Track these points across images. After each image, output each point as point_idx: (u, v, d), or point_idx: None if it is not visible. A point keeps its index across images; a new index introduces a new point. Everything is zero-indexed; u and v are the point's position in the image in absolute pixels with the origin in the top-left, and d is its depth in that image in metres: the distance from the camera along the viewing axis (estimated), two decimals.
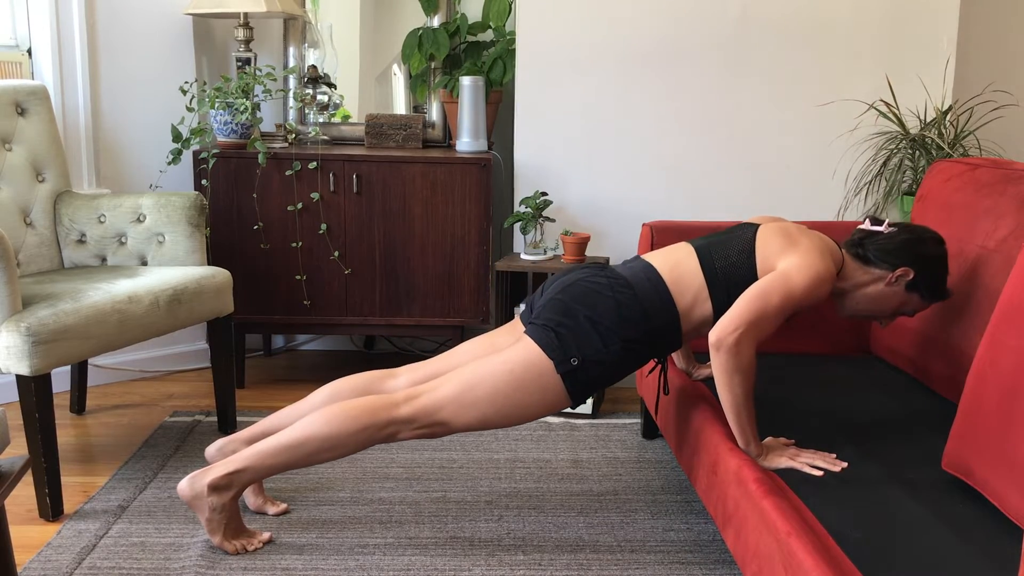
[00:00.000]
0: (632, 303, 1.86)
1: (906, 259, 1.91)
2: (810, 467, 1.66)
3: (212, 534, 1.95)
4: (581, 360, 1.84)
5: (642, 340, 1.87)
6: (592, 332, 1.84)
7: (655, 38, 2.97)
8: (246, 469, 1.91)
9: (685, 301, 1.89)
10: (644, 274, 1.91)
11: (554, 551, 1.99)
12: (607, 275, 1.91)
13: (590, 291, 1.88)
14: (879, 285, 1.93)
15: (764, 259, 1.88)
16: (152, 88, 3.15)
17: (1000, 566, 1.30)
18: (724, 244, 1.94)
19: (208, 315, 2.53)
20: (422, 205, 2.99)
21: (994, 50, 3.33)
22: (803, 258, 1.83)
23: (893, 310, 1.96)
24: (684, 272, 1.91)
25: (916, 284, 1.91)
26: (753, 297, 1.77)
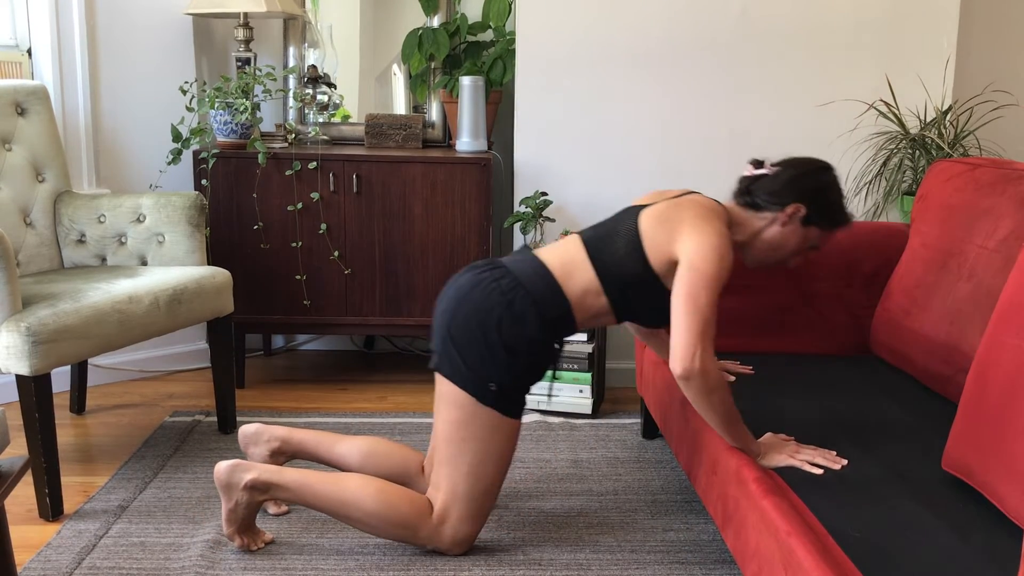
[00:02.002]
0: (523, 300, 1.85)
1: (794, 195, 1.90)
2: (810, 465, 1.66)
3: (227, 524, 1.95)
4: (499, 384, 1.85)
5: (542, 337, 1.87)
6: (495, 348, 1.84)
7: (655, 38, 2.97)
8: (288, 489, 1.92)
9: (576, 294, 1.88)
10: (532, 268, 1.89)
11: (554, 551, 1.99)
12: (495, 277, 1.88)
13: (481, 302, 1.86)
14: (775, 227, 1.92)
15: (654, 251, 1.85)
16: (152, 88, 3.15)
17: (1000, 566, 1.30)
18: (611, 237, 1.91)
19: (208, 315, 2.53)
20: (422, 205, 2.99)
21: (994, 50, 3.33)
22: (696, 241, 1.80)
23: (797, 249, 1.95)
24: (574, 267, 1.90)
25: (810, 217, 1.90)
26: (685, 312, 1.74)
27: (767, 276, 2.40)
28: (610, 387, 3.11)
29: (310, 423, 2.73)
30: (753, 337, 2.41)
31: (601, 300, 1.90)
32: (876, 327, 2.35)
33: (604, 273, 1.88)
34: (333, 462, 2.13)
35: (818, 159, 1.98)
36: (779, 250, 1.95)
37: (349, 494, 1.90)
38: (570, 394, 2.84)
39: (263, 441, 2.14)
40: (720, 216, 1.88)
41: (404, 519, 1.90)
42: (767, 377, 2.18)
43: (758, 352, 2.37)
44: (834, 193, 1.94)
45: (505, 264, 1.92)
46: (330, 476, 1.94)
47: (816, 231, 1.93)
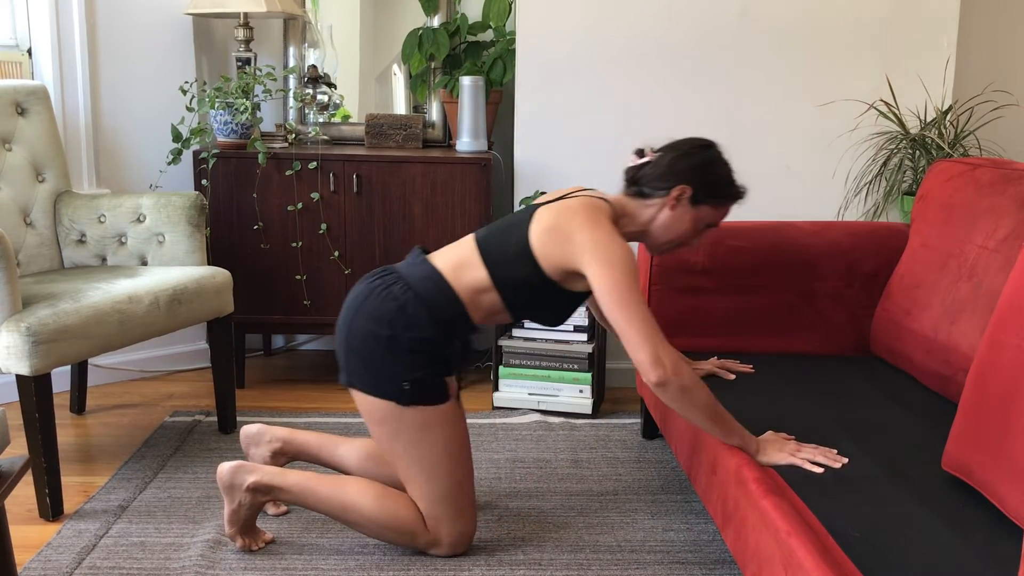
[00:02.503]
0: (415, 302, 1.85)
1: (678, 177, 1.91)
2: (811, 463, 1.66)
3: (229, 525, 1.96)
4: (411, 381, 1.85)
5: (439, 337, 1.86)
6: (396, 351, 1.84)
7: (655, 38, 2.97)
8: (290, 492, 1.93)
9: (468, 292, 1.89)
10: (422, 271, 1.90)
11: (554, 551, 1.99)
12: (386, 284, 1.90)
13: (374, 310, 1.86)
14: (665, 212, 1.93)
15: (546, 260, 1.86)
16: (152, 88, 3.15)
17: (1000, 566, 1.30)
18: (503, 240, 1.91)
19: (208, 315, 2.53)
20: (422, 205, 2.99)
21: (994, 50, 3.33)
22: (594, 252, 1.80)
23: (692, 230, 1.94)
24: (466, 267, 1.90)
25: (697, 196, 1.91)
26: (626, 323, 1.75)
27: (767, 276, 2.41)
28: (610, 387, 3.11)
29: (310, 423, 2.73)
30: (753, 337, 2.41)
31: (493, 296, 1.90)
32: (876, 327, 2.35)
33: (496, 272, 1.89)
34: (334, 464, 2.13)
35: (699, 138, 1.98)
36: (676, 233, 1.95)
37: (349, 498, 1.90)
38: (570, 394, 2.84)
39: (265, 442, 2.14)
40: (606, 213, 1.89)
41: (403, 525, 1.90)
42: (767, 377, 2.18)
43: (758, 352, 2.37)
44: (718, 167, 1.94)
45: (397, 269, 1.94)
46: (331, 479, 1.94)
47: (707, 209, 1.93)
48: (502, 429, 2.71)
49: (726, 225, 2.44)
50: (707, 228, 1.97)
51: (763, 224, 2.48)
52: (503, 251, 1.90)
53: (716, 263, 2.39)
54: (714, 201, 1.93)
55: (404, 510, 1.90)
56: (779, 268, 2.41)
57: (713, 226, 1.98)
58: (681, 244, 1.99)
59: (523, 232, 1.89)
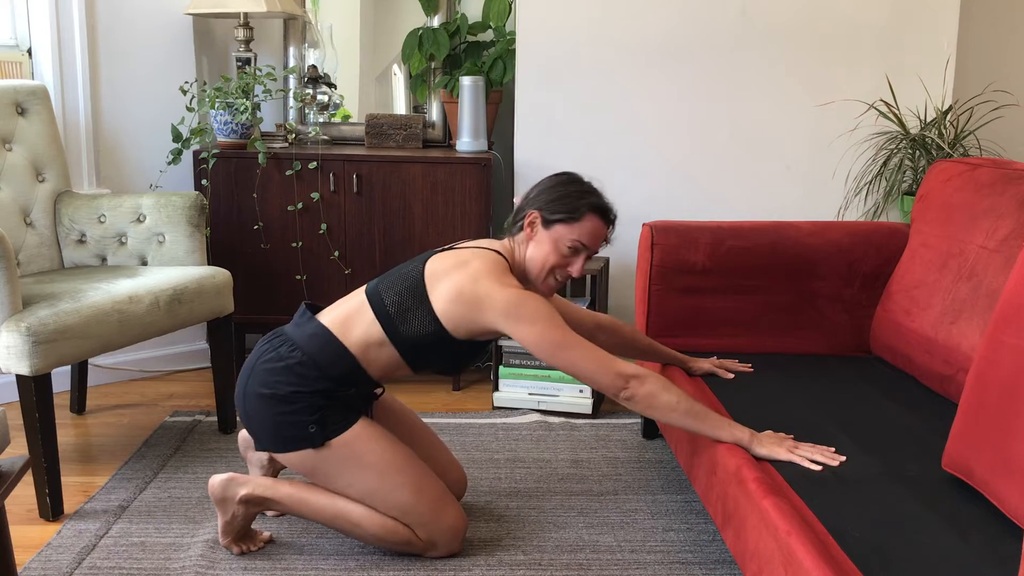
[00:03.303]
0: (305, 363, 1.86)
1: (527, 207, 1.94)
2: (808, 461, 1.66)
3: (224, 535, 1.96)
4: (314, 423, 1.84)
5: (330, 389, 1.86)
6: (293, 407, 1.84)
7: (655, 38, 2.97)
8: (282, 503, 1.93)
9: (359, 347, 1.88)
10: (312, 330, 1.90)
11: (554, 551, 1.99)
12: (275, 346, 1.90)
13: (265, 373, 1.87)
14: (528, 245, 1.93)
15: (457, 325, 1.86)
16: (152, 88, 3.15)
17: (1000, 566, 1.30)
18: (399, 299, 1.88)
19: (208, 315, 2.53)
20: (422, 205, 2.99)
21: (994, 50, 3.33)
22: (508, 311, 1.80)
23: (555, 252, 1.91)
24: (357, 321, 1.89)
25: (546, 218, 1.91)
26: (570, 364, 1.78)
27: (767, 276, 2.41)
28: None
29: None
30: (753, 337, 2.41)
31: (389, 351, 1.89)
32: (876, 327, 2.35)
33: (391, 329, 1.87)
34: None
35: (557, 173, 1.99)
36: (540, 261, 1.92)
37: (342, 507, 1.91)
38: (570, 394, 2.84)
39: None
40: (505, 270, 1.89)
41: (397, 532, 1.91)
42: (767, 377, 2.18)
43: (758, 352, 2.37)
44: (564, 187, 1.93)
45: (286, 332, 1.94)
46: (323, 490, 1.94)
47: (562, 227, 1.90)
48: (502, 429, 2.71)
49: (726, 225, 2.45)
50: (575, 251, 1.92)
51: (763, 224, 2.48)
52: (400, 308, 1.88)
53: (716, 263, 2.39)
54: (563, 218, 1.90)
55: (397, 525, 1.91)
56: (779, 268, 2.41)
57: (580, 248, 1.92)
58: (554, 272, 1.93)
59: (420, 291, 1.88)
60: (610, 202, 1.96)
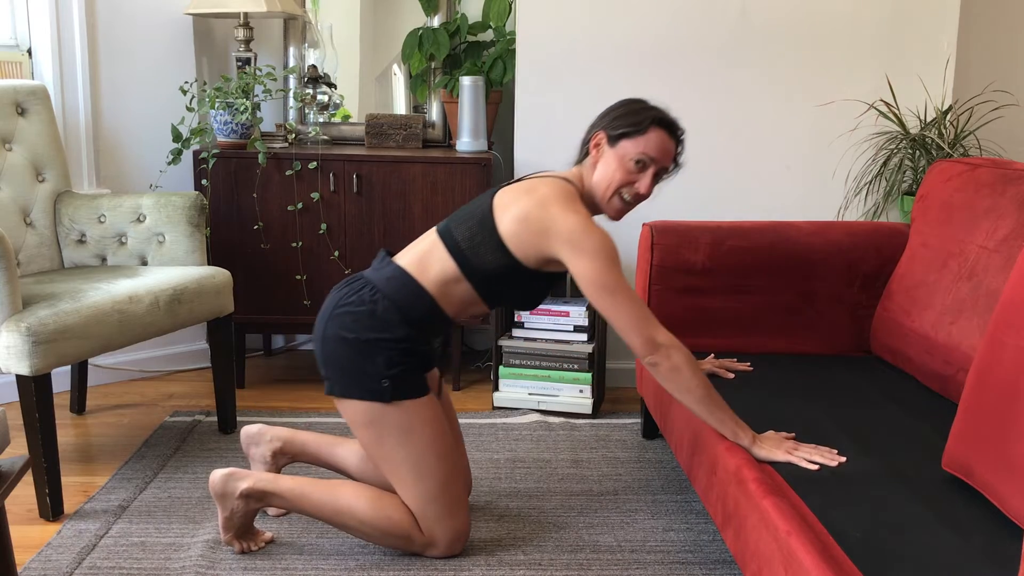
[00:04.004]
0: (386, 306, 1.86)
1: (591, 129, 1.96)
2: (807, 462, 1.66)
3: (225, 532, 1.95)
4: (389, 378, 1.85)
5: (413, 335, 1.87)
6: (371, 353, 1.85)
7: (655, 38, 2.97)
8: (282, 498, 1.93)
9: (437, 286, 1.89)
10: (390, 273, 1.91)
11: (554, 551, 1.99)
12: (355, 289, 1.91)
13: (345, 316, 1.87)
14: (595, 167, 1.93)
15: (522, 249, 1.85)
16: (152, 88, 3.15)
17: (1000, 566, 1.30)
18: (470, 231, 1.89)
19: (208, 315, 2.53)
20: (422, 205, 2.99)
21: (994, 50, 3.33)
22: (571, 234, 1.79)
23: (622, 170, 1.90)
24: (431, 261, 1.91)
25: (611, 137, 1.91)
26: (612, 307, 1.77)
27: (767, 276, 2.41)
28: (610, 387, 3.11)
29: (310, 423, 2.73)
30: (753, 337, 2.41)
31: (465, 287, 1.91)
32: (876, 327, 2.35)
33: (465, 264, 1.89)
34: (333, 464, 2.13)
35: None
36: (608, 181, 1.91)
37: (343, 502, 1.90)
38: (570, 394, 2.84)
39: (265, 441, 2.14)
40: (574, 197, 1.89)
41: (398, 528, 1.90)
42: (767, 377, 2.18)
43: (758, 352, 2.37)
44: (624, 105, 1.94)
45: (364, 275, 1.94)
46: (325, 484, 1.94)
47: (627, 143, 1.89)
48: (502, 429, 2.71)
49: (726, 225, 2.45)
50: (642, 167, 1.90)
51: (763, 224, 2.48)
52: (471, 241, 1.89)
53: (716, 263, 2.39)
54: (628, 131, 1.90)
55: (398, 513, 1.90)
56: (779, 268, 2.41)
57: (648, 163, 1.90)
58: (621, 191, 1.92)
59: (489, 221, 1.88)
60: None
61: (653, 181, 1.92)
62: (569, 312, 2.83)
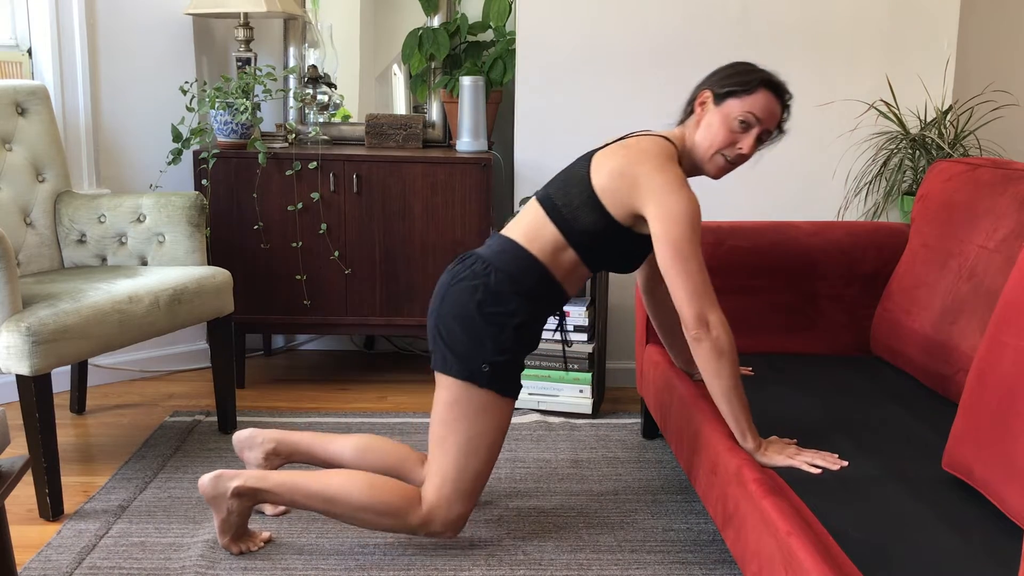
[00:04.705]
0: (499, 278, 1.88)
1: (697, 89, 1.96)
2: (810, 466, 1.66)
3: (222, 534, 1.95)
4: (490, 363, 1.87)
5: (526, 308, 1.89)
6: (482, 331, 1.87)
7: (655, 38, 2.97)
8: (274, 492, 1.92)
9: (547, 253, 1.91)
10: (500, 246, 1.93)
11: (554, 551, 1.99)
12: (468, 264, 1.93)
13: (460, 293, 1.90)
14: (698, 125, 1.92)
15: (615, 205, 1.86)
16: (152, 88, 3.15)
17: (1000, 566, 1.30)
18: (566, 192, 1.91)
19: (208, 315, 2.53)
20: (422, 205, 2.99)
21: (994, 50, 3.33)
22: (660, 197, 1.79)
23: (726, 130, 1.88)
24: (537, 229, 1.92)
25: (717, 95, 1.90)
26: (678, 274, 1.77)
27: (767, 276, 2.41)
28: (610, 387, 3.11)
29: (310, 423, 2.73)
30: (753, 337, 2.41)
31: (569, 253, 1.92)
32: (876, 327, 2.35)
33: (566, 227, 1.90)
34: (328, 460, 2.12)
35: None
36: (711, 139, 1.90)
37: (335, 489, 1.89)
38: (570, 394, 2.84)
39: (257, 444, 2.13)
40: (671, 156, 1.89)
41: (392, 507, 1.89)
42: (767, 377, 2.18)
43: (758, 352, 2.37)
44: (732, 67, 1.93)
45: (476, 251, 1.97)
46: (316, 474, 1.93)
47: (733, 102, 1.88)
48: None
49: (726, 225, 2.45)
50: (746, 127, 1.88)
51: (763, 224, 2.48)
52: (568, 204, 1.90)
53: (716, 263, 2.39)
54: (735, 90, 1.88)
55: (392, 494, 1.89)
56: (779, 268, 2.41)
57: (752, 123, 1.87)
58: (723, 150, 1.90)
59: (585, 181, 1.89)
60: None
61: (756, 143, 1.90)
62: (569, 312, 2.83)
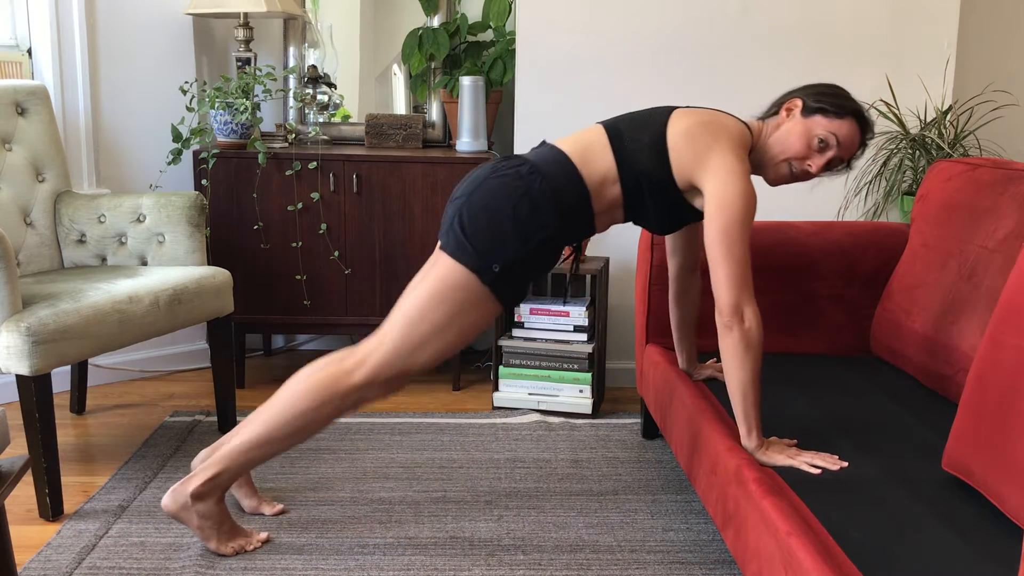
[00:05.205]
0: (542, 186, 1.82)
1: (789, 96, 1.92)
2: (809, 466, 1.66)
3: (207, 541, 1.94)
4: (502, 265, 1.81)
5: (557, 226, 1.83)
6: (509, 231, 1.81)
7: (655, 38, 2.97)
8: (223, 471, 1.90)
9: (595, 180, 1.86)
10: (552, 157, 1.87)
11: (554, 551, 1.99)
12: (514, 164, 1.86)
13: (497, 188, 1.83)
14: (779, 128, 1.90)
15: (678, 164, 1.84)
16: (152, 88, 3.15)
17: (1000, 566, 1.30)
18: (637, 129, 1.88)
19: (208, 315, 2.53)
20: (422, 205, 2.99)
21: (994, 50, 3.33)
22: (723, 178, 1.78)
23: (803, 142, 1.87)
24: (594, 153, 1.88)
25: (807, 106, 1.88)
26: (723, 258, 1.75)
27: (767, 276, 2.40)
28: (610, 387, 3.11)
29: None
30: None
31: (615, 189, 1.88)
32: (876, 327, 2.35)
33: (622, 161, 1.86)
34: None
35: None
36: (785, 145, 1.88)
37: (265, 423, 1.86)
38: (570, 394, 2.84)
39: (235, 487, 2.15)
40: (746, 145, 1.87)
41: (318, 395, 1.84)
42: (767, 377, 2.17)
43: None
44: (829, 87, 1.91)
45: (524, 155, 1.91)
46: (247, 424, 1.89)
47: (820, 119, 1.86)
48: (502, 429, 2.71)
49: None
50: (824, 147, 1.86)
51: (763, 224, 2.48)
52: (636, 141, 1.86)
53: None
54: (827, 108, 1.86)
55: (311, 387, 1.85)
56: (779, 268, 2.41)
57: (831, 146, 1.85)
58: (792, 161, 1.89)
59: (661, 128, 1.86)
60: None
61: (825, 166, 1.89)
62: (569, 312, 2.83)
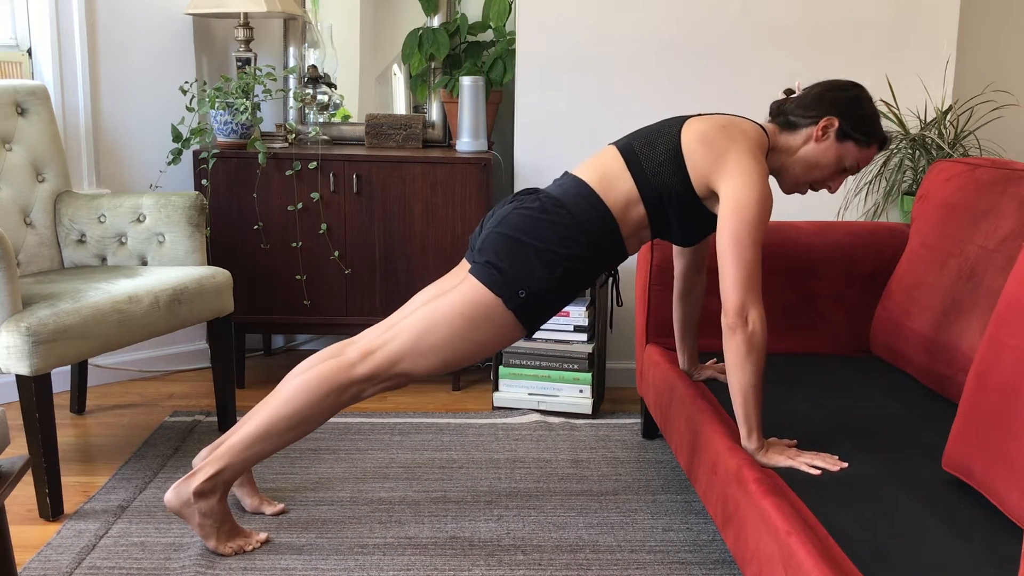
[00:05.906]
0: (568, 221, 1.83)
1: (825, 108, 1.88)
2: (809, 467, 1.66)
3: (207, 539, 1.94)
4: (529, 292, 1.82)
5: (585, 256, 1.84)
6: (535, 261, 1.81)
7: (655, 38, 2.97)
8: (226, 468, 1.90)
9: (619, 205, 1.86)
10: (575, 189, 1.87)
11: (554, 551, 1.99)
12: (539, 198, 1.88)
13: (526, 219, 1.84)
14: (810, 144, 1.89)
15: (695, 171, 1.84)
16: (152, 88, 3.15)
17: (1000, 566, 1.30)
18: (650, 145, 1.88)
19: (208, 315, 2.53)
20: (422, 205, 2.99)
21: (994, 50, 3.33)
22: (740, 181, 1.78)
23: (833, 167, 1.89)
24: (614, 178, 1.88)
25: (844, 130, 1.87)
26: (732, 260, 1.75)
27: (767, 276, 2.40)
28: (610, 387, 3.11)
29: None
30: None
31: (639, 210, 1.88)
32: (876, 327, 2.35)
33: (641, 180, 1.86)
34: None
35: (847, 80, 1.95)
36: (815, 168, 1.89)
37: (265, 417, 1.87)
38: (570, 394, 2.84)
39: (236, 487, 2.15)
40: (762, 148, 1.87)
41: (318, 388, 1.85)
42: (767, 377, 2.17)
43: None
44: (867, 106, 1.90)
45: (544, 189, 1.92)
46: (247, 424, 1.90)
47: (852, 146, 1.87)
48: (502, 429, 2.71)
49: None
50: (844, 172, 1.90)
51: None
52: (651, 158, 1.87)
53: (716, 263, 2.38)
54: (861, 138, 1.87)
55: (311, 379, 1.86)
56: (779, 268, 2.41)
57: (851, 171, 1.90)
58: (816, 182, 1.91)
59: (674, 140, 1.86)
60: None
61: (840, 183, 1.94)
62: (569, 312, 2.83)
